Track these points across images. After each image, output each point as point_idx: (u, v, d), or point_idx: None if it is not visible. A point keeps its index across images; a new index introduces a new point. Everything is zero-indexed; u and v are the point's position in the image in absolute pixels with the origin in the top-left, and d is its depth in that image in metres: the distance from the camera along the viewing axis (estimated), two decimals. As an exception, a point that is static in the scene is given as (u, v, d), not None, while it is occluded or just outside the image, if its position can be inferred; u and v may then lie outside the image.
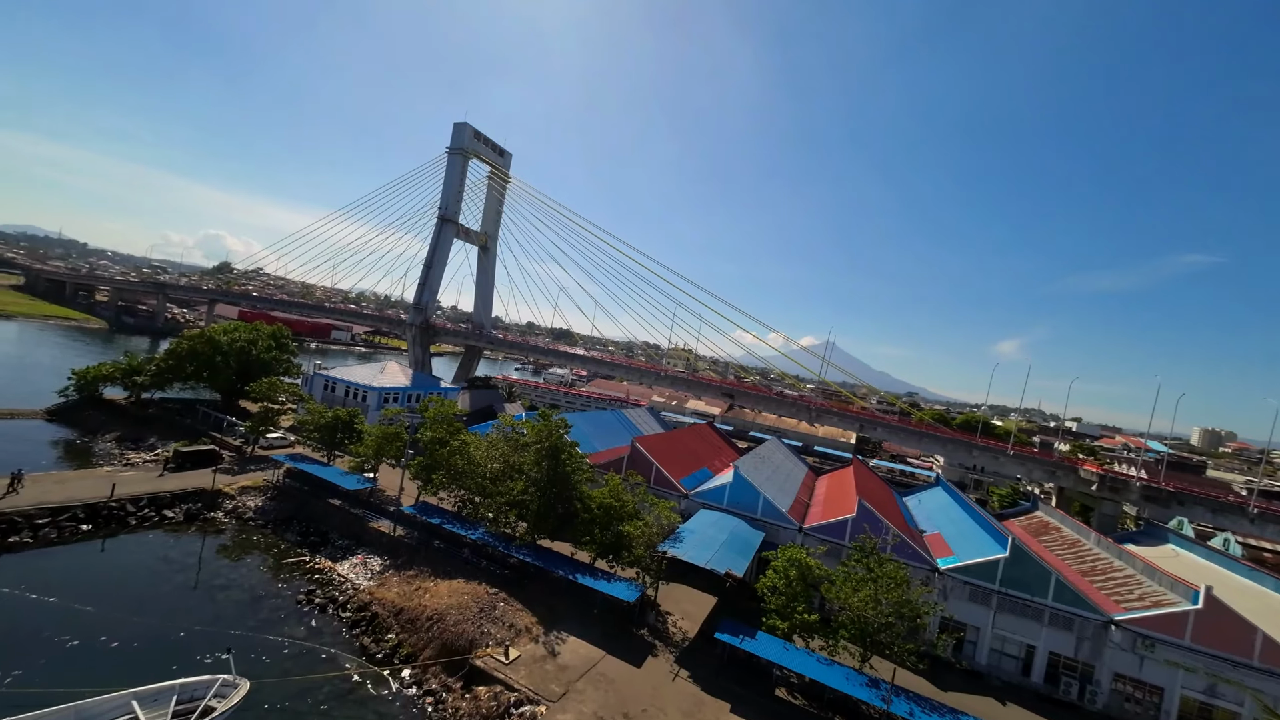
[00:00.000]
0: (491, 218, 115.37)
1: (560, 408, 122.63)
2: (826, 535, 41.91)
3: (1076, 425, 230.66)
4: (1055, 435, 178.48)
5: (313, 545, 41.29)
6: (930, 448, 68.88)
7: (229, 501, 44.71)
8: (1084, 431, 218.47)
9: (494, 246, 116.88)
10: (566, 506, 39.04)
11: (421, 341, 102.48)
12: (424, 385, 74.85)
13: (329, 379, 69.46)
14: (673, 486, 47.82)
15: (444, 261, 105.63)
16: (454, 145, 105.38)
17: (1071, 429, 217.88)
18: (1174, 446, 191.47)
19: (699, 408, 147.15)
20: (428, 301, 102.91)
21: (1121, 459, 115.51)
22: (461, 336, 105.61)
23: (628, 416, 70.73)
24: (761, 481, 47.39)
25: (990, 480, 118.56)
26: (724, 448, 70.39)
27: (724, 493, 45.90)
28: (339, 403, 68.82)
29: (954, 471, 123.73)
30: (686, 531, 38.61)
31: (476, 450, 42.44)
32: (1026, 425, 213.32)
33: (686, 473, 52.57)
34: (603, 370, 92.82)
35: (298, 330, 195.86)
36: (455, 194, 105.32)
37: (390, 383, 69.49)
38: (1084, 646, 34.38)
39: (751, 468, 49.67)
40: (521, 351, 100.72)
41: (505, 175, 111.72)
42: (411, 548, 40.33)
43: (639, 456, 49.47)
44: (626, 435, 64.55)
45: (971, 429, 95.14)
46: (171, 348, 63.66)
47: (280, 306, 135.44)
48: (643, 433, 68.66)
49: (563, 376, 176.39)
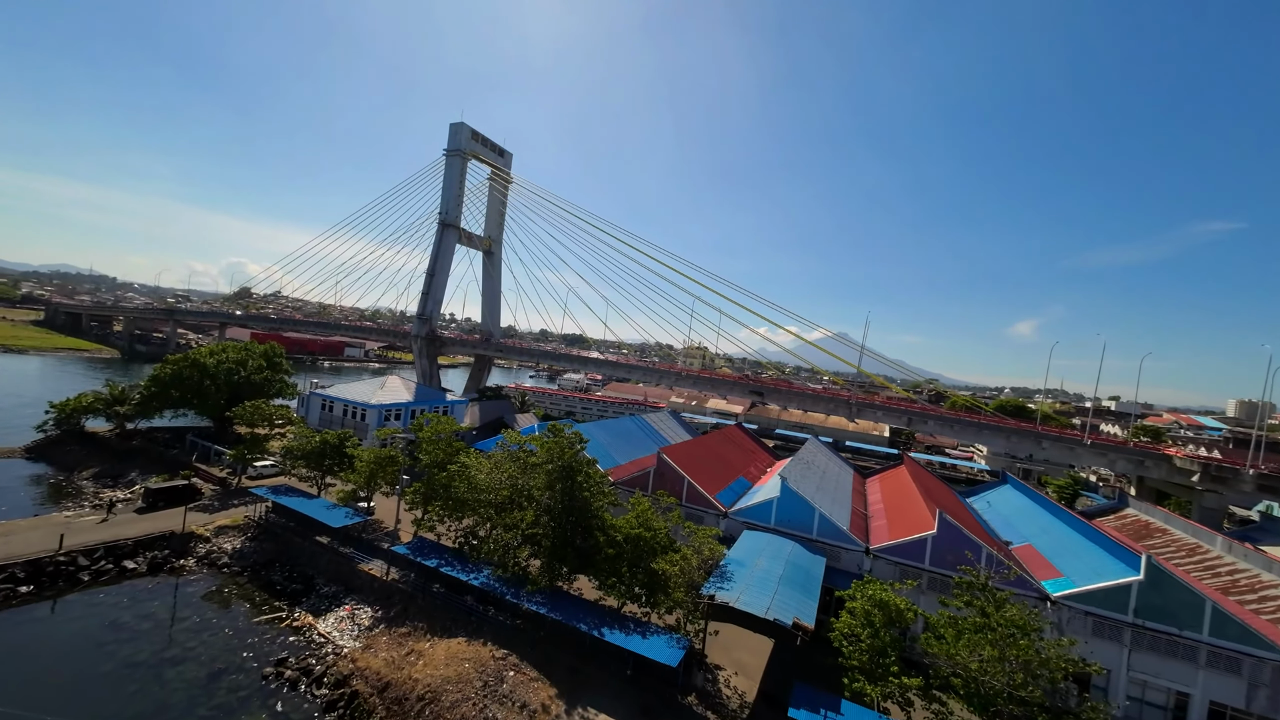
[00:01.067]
0: (494, 221, 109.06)
1: (575, 415, 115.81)
2: (900, 558, 34.14)
3: (1115, 404, 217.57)
4: (1100, 416, 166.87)
5: (294, 595, 34.66)
6: (990, 440, 60.52)
7: (203, 545, 38.32)
8: (1124, 410, 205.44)
9: (499, 251, 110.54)
10: (586, 539, 31.82)
11: (428, 353, 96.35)
12: (429, 399, 68.39)
13: (326, 398, 63.32)
14: (709, 504, 40.37)
15: (447, 268, 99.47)
16: (451, 147, 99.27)
17: (1110, 408, 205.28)
18: (1223, 421, 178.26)
19: (720, 406, 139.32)
20: (432, 311, 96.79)
21: (1182, 439, 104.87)
22: (469, 346, 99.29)
23: (649, 422, 63.43)
24: (812, 492, 39.71)
25: (1041, 469, 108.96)
26: (757, 451, 62.70)
27: (770, 509, 38.30)
28: (337, 423, 62.67)
29: (999, 461, 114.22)
30: (733, 563, 31.16)
31: (479, 473, 35.45)
32: (1062, 407, 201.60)
33: (722, 485, 45.09)
34: (618, 373, 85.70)
35: (310, 349, 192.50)
36: (455, 197, 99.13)
37: (391, 399, 63.09)
38: (1260, 695, 26.18)
39: (798, 476, 41.99)
40: (531, 358, 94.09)
41: (507, 176, 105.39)
42: (406, 594, 33.46)
43: (667, 470, 42.12)
44: (649, 443, 57.28)
45: (1008, 414, 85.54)
46: (155, 373, 57.93)
47: (289, 326, 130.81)
48: (667, 440, 61.32)
49: (577, 382, 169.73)
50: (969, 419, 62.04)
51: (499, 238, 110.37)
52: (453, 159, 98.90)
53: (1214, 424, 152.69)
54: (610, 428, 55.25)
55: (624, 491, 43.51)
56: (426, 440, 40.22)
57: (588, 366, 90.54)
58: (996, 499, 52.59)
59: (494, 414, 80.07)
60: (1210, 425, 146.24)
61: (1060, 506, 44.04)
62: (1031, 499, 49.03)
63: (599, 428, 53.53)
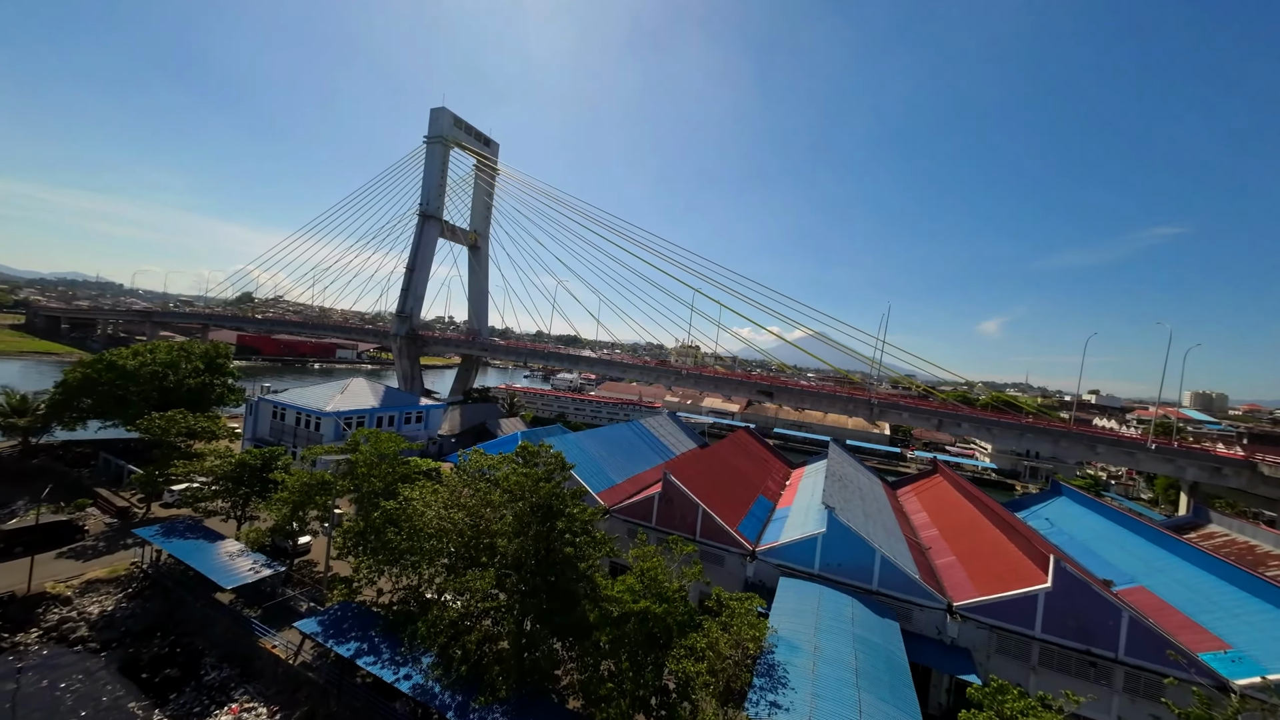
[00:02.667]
0: (480, 214, 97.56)
1: (568, 416, 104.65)
2: (999, 620, 23.62)
3: (1095, 398, 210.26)
4: (1085, 410, 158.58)
5: (164, 687, 23.41)
6: (1037, 443, 50.33)
7: (57, 610, 26.85)
8: (1106, 404, 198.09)
9: (485, 246, 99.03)
10: (567, 612, 20.85)
11: (409, 353, 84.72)
12: (399, 404, 57.03)
13: (277, 404, 51.75)
14: (730, 540, 29.64)
15: (428, 263, 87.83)
16: (432, 134, 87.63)
17: (1091, 401, 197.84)
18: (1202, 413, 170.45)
19: (716, 405, 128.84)
20: (413, 308, 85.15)
21: (1196, 436, 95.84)
22: (453, 345, 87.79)
23: (647, 429, 52.60)
24: (860, 522, 29.11)
25: (1049, 468, 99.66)
26: (770, 459, 52.09)
27: (814, 549, 27.63)
28: (289, 434, 51.16)
29: (1005, 459, 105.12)
30: (781, 643, 20.43)
31: (428, 510, 24.36)
32: (1046, 400, 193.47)
33: (742, 510, 34.39)
34: (613, 373, 74.81)
35: (301, 351, 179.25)
36: (437, 187, 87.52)
37: (351, 404, 51.68)
38: None
39: (841, 501, 31.33)
40: (519, 357, 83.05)
41: (493, 166, 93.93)
42: (319, 689, 22.35)
43: (675, 495, 31.32)
44: (650, 454, 46.49)
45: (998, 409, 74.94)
46: (63, 378, 46.08)
47: (269, 326, 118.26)
48: (669, 449, 50.58)
49: (571, 381, 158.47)
50: (1009, 421, 51.90)
51: (485, 232, 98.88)
52: (433, 146, 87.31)
53: (1201, 416, 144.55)
54: (604, 438, 44.32)
55: (621, 522, 32.62)
56: (363, 462, 29.12)
57: (581, 365, 79.60)
58: (1056, 515, 42.32)
59: (477, 419, 68.81)
60: (1201, 419, 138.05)
61: (1156, 528, 33.80)
62: (1103, 515, 38.87)
63: (591, 438, 42.58)
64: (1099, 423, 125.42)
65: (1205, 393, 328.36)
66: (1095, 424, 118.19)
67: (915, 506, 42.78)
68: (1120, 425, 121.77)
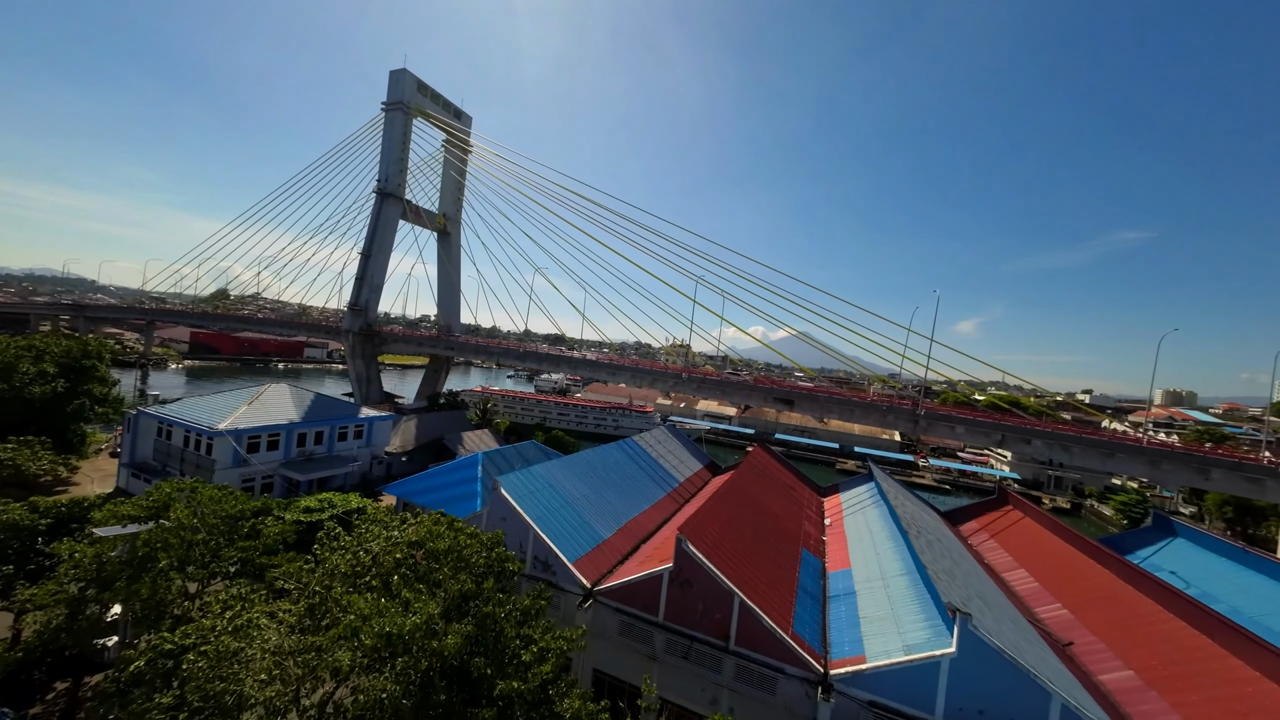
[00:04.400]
0: (451, 196, 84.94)
1: (549, 421, 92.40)
2: None
3: (1089, 398, 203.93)
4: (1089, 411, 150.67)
5: None
6: (1129, 467, 39.64)
7: None
8: (1099, 404, 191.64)
9: (457, 232, 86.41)
10: None
11: (363, 352, 71.86)
12: (330, 415, 44.50)
13: (164, 420, 38.86)
14: (785, 652, 18.06)
15: (388, 248, 75.02)
16: (391, 99, 74.81)
17: (1085, 402, 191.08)
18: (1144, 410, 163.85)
19: (711, 409, 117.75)
20: (368, 300, 72.31)
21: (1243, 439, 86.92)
22: (414, 343, 75.02)
23: (643, 446, 40.92)
24: (1008, 636, 17.67)
25: (1075, 478, 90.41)
26: (797, 486, 40.81)
27: (934, 681, 16.15)
28: (178, 457, 38.40)
29: (1026, 468, 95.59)
30: None
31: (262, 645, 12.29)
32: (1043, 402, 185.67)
33: (789, 584, 22.85)
34: (599, 375, 62.92)
35: (264, 350, 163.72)
36: (397, 162, 74.73)
37: (259, 419, 39.03)
38: None
39: (959, 588, 19.86)
40: (491, 356, 70.76)
41: (465, 142, 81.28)
42: None
43: (694, 573, 19.71)
44: (648, 484, 34.85)
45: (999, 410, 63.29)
46: None
47: (214, 321, 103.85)
48: (670, 471, 39.05)
49: (556, 383, 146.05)
50: (1093, 437, 41.10)
51: (457, 216, 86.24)
52: (393, 114, 74.50)
53: (1207, 418, 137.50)
54: (587, 466, 32.40)
55: (612, 612, 20.90)
56: (161, 541, 16.93)
57: (564, 367, 67.54)
58: (1175, 563, 31.52)
59: (435, 432, 56.38)
60: (1210, 421, 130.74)
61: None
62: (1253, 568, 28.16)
63: (569, 469, 30.61)
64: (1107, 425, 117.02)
65: (1176, 391, 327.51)
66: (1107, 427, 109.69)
67: (1002, 558, 31.74)
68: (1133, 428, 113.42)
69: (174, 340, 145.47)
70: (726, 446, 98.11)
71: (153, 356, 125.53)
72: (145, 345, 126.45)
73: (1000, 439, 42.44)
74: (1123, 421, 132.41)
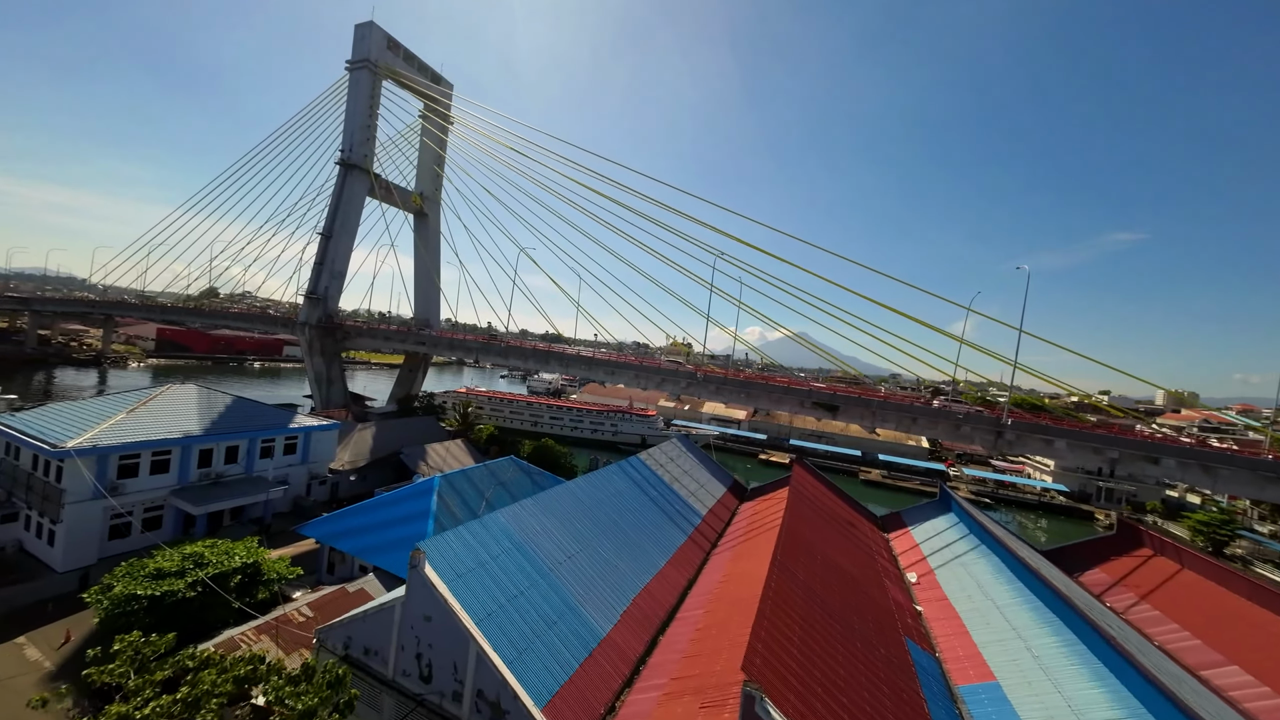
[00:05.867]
0: (429, 172, 74.84)
1: (541, 427, 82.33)
2: None
3: (1106, 399, 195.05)
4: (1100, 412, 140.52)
5: None
6: None
7: None
8: (1116, 404, 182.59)
9: (436, 213, 76.29)
10: None
11: (323, 348, 61.64)
12: (249, 425, 34.33)
13: (7, 436, 28.70)
14: None
15: (353, 229, 64.90)
16: (356, 57, 64.67)
17: (1103, 403, 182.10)
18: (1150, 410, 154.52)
19: (718, 412, 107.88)
20: (329, 288, 62.13)
21: None
22: (382, 337, 64.84)
23: (651, 467, 30.99)
24: None
25: (1129, 489, 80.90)
26: (857, 522, 30.93)
27: None
28: (24, 484, 28.17)
29: (1070, 478, 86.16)
30: None
31: None
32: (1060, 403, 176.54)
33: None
34: (596, 374, 52.92)
35: (240, 348, 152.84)
36: (363, 129, 64.63)
37: (133, 434, 28.80)
38: None
39: None
40: (469, 353, 60.62)
41: (445, 113, 71.19)
42: None
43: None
44: (661, 523, 24.91)
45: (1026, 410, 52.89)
46: None
47: (162, 315, 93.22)
48: (687, 501, 29.18)
49: (550, 384, 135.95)
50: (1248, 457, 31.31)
51: (436, 196, 76.10)
52: (358, 74, 64.38)
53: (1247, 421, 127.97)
54: (574, 505, 22.34)
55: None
56: None
57: (551, 364, 57.47)
58: None
59: (399, 442, 46.18)
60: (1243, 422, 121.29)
61: None
62: None
63: (546, 511, 20.55)
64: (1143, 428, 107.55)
65: (1177, 392, 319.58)
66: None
67: (1145, 614, 21.97)
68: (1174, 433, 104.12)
69: (140, 338, 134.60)
70: (736, 454, 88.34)
71: (111, 355, 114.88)
72: (104, 342, 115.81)
73: (1115, 457, 32.79)
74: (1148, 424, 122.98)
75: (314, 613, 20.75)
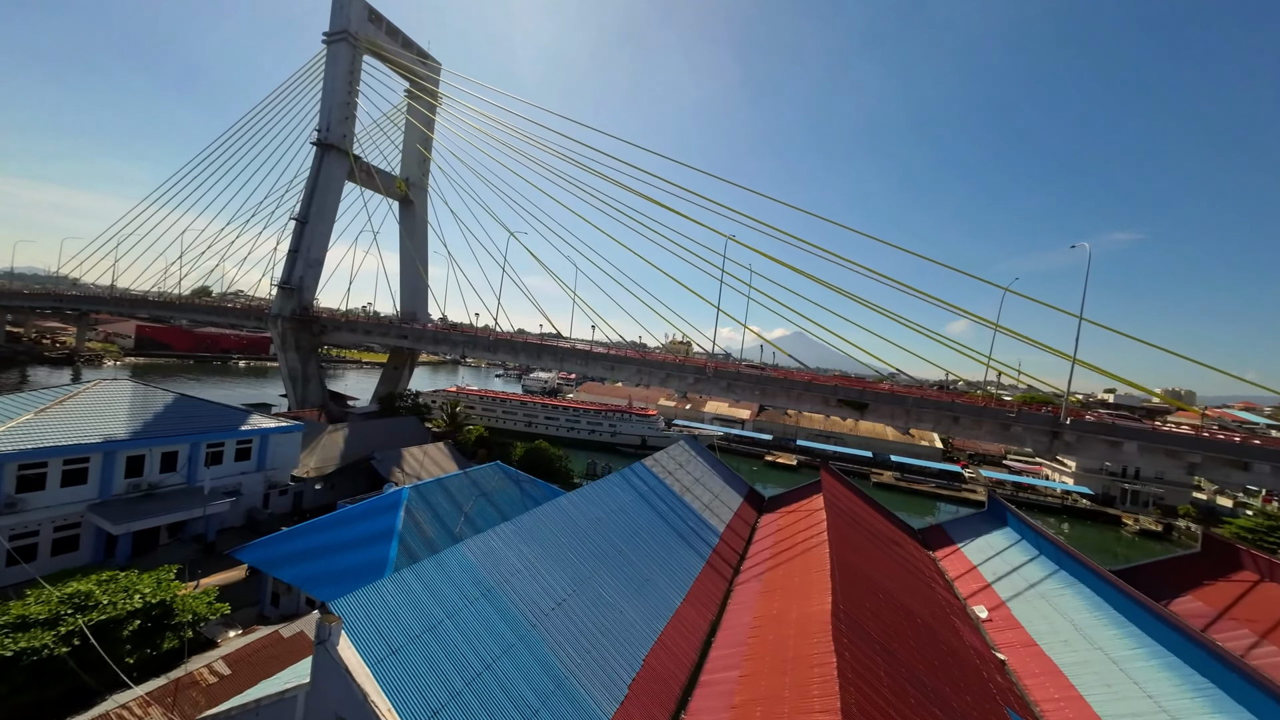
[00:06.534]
0: (415, 156, 70.03)
1: (535, 427, 77.61)
2: None
3: (1113, 397, 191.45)
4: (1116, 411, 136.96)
5: None
6: None
7: None
8: (1122, 403, 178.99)
9: (422, 200, 71.49)
10: None
11: (297, 343, 56.77)
12: (188, 429, 29.53)
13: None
14: None
15: (330, 214, 60.07)
16: (334, 29, 59.81)
17: (1108, 401, 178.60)
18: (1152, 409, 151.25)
19: (720, 411, 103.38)
20: (303, 277, 57.26)
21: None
22: (362, 331, 59.94)
23: (659, 476, 26.41)
24: None
25: (1157, 493, 76.75)
26: (901, 540, 26.40)
27: None
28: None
29: (1092, 480, 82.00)
30: None
31: None
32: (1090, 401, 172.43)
33: None
34: (594, 370, 48.25)
35: (225, 346, 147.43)
36: (341, 106, 59.78)
37: (37, 438, 23.97)
38: None
39: None
40: (456, 348, 55.74)
41: (432, 92, 66.42)
42: None
43: None
44: (677, 550, 20.21)
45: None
46: None
47: (130, 308, 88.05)
48: (701, 516, 24.63)
49: (546, 383, 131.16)
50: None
51: (422, 182, 71.30)
52: (336, 47, 59.50)
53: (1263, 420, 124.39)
54: (567, 529, 17.72)
55: None
56: None
57: (544, 358, 52.71)
58: None
59: (376, 444, 41.36)
60: (1260, 421, 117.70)
61: None
62: None
63: (529, 540, 15.91)
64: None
65: (1175, 390, 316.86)
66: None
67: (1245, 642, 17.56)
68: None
69: (119, 335, 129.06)
70: (740, 455, 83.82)
71: (86, 353, 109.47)
72: (79, 340, 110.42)
73: (1197, 461, 28.50)
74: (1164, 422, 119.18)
75: (230, 669, 16.04)
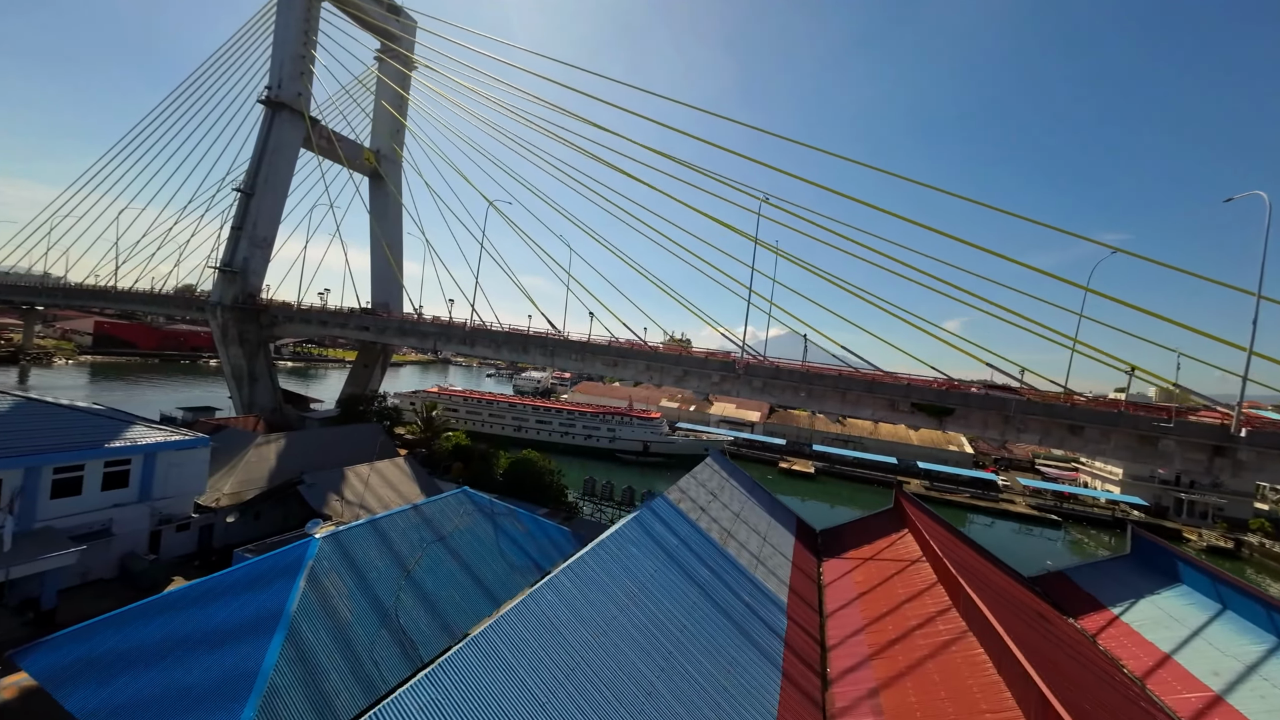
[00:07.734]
0: (386, 125, 61.46)
1: (525, 433, 69.16)
2: None
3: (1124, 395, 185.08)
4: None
5: None
6: None
7: None
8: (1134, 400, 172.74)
9: (396, 175, 62.92)
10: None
11: (241, 335, 48.08)
12: (30, 448, 21.05)
13: None
14: None
15: (281, 185, 51.45)
16: (286, -32, 51.16)
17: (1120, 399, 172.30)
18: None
19: (728, 413, 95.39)
20: (248, 260, 48.58)
21: None
22: (318, 321, 51.24)
23: (691, 519, 18.30)
24: None
25: (1218, 504, 69.09)
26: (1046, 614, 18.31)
27: None
28: None
29: (1142, 488, 74.59)
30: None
31: None
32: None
33: None
34: (592, 366, 40.08)
35: (192, 344, 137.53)
36: (294, 60, 51.18)
37: None
38: None
39: None
40: (427, 339, 47.23)
41: (407, 52, 57.88)
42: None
43: None
44: (741, 658, 11.90)
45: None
46: None
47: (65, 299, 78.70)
48: (758, 581, 16.37)
49: (539, 383, 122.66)
50: None
51: (395, 155, 62.66)
52: (289, -9, 50.83)
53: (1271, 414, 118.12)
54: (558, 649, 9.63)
55: None
56: None
57: (531, 352, 44.22)
58: None
59: (311, 462, 32.57)
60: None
61: None
62: None
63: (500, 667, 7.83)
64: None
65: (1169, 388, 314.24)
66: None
67: None
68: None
69: (76, 332, 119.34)
70: (750, 461, 75.81)
71: (33, 350, 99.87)
72: (25, 337, 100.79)
73: None
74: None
75: None
